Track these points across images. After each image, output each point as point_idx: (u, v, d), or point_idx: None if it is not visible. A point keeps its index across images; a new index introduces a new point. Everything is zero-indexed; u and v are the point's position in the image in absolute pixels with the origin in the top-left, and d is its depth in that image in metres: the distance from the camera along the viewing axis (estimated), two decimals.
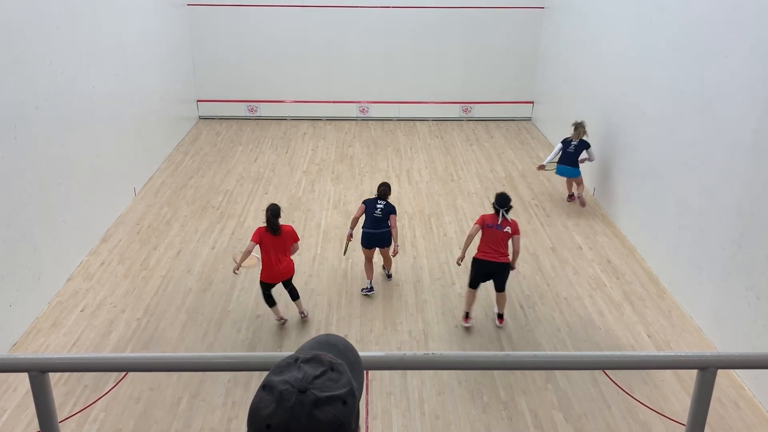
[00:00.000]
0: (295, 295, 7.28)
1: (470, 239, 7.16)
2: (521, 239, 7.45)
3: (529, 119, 14.80)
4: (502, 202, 7.09)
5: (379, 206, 7.74)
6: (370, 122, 14.57)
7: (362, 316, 7.54)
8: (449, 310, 7.67)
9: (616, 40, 10.00)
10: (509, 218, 7.09)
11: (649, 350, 6.99)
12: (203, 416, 5.99)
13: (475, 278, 7.21)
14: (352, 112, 14.67)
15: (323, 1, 13.70)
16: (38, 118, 7.42)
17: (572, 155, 9.97)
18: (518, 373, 6.59)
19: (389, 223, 7.70)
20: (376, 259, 8.22)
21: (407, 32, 14.06)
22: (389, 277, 8.27)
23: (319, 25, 13.90)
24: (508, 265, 7.12)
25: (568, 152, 9.99)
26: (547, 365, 2.18)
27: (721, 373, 4.57)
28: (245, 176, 11.44)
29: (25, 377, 1.93)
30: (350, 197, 10.65)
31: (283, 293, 7.28)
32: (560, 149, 10.06)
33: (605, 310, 7.72)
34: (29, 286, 7.22)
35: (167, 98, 12.39)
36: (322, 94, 14.49)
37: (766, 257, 6.23)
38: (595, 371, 6.58)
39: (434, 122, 14.60)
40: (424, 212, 10.10)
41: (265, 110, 14.54)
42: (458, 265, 7.59)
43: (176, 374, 6.46)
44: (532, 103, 14.66)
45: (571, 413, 6.09)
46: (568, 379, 6.52)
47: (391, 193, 7.94)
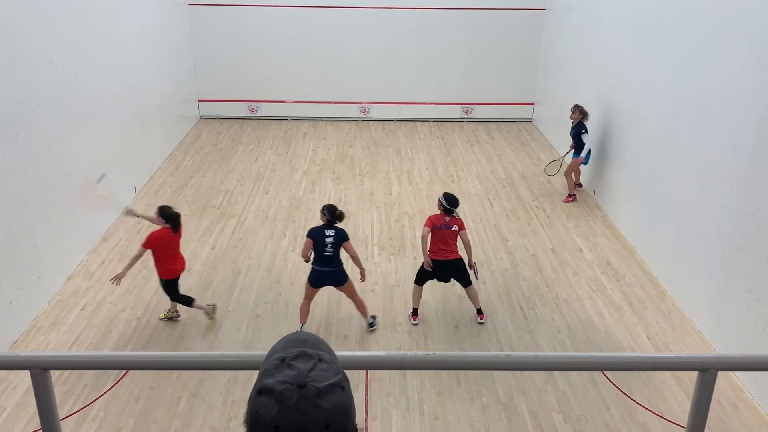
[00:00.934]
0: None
1: (425, 241, 7.25)
2: (468, 233, 7.56)
3: (529, 121, 14.80)
4: (452, 202, 7.16)
5: (329, 238, 6.63)
6: (370, 123, 14.57)
7: (362, 316, 7.54)
8: (449, 310, 7.67)
9: (616, 41, 10.01)
10: (457, 216, 7.22)
11: (648, 352, 6.99)
12: (203, 415, 5.99)
13: (422, 276, 7.34)
14: (352, 112, 14.67)
15: (324, 1, 13.70)
16: (39, 117, 7.42)
17: (572, 138, 10.56)
18: (518, 374, 6.59)
19: (346, 252, 6.76)
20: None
21: (408, 33, 14.06)
22: (371, 326, 7.25)
23: (320, 25, 13.91)
24: (460, 260, 7.23)
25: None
26: (546, 366, 2.18)
27: (720, 375, 4.57)
28: (246, 176, 11.44)
29: (25, 376, 1.93)
30: (351, 197, 10.65)
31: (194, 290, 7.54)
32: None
33: (605, 311, 7.72)
34: (29, 284, 7.23)
35: (168, 98, 12.39)
36: (322, 94, 14.49)
37: (766, 259, 6.23)
38: (594, 373, 6.58)
39: (435, 123, 14.60)
40: (424, 213, 10.10)
41: (265, 110, 14.55)
42: (429, 269, 7.23)
43: (176, 373, 6.46)
44: (532, 104, 14.66)
45: (570, 414, 6.09)
46: (567, 380, 6.52)
47: (342, 216, 6.80)
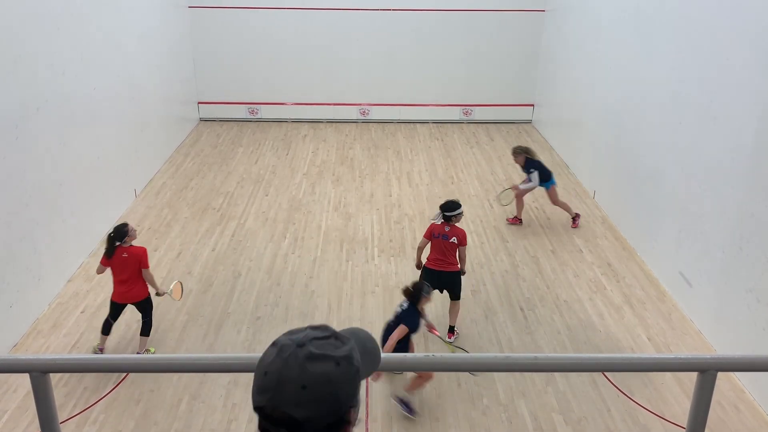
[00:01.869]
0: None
1: (420, 251, 7.14)
2: (467, 249, 7.15)
3: (529, 122, 14.80)
4: (448, 207, 6.91)
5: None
6: (370, 124, 14.58)
7: (362, 318, 7.54)
8: (448, 311, 7.66)
9: (616, 42, 10.01)
10: (458, 226, 6.93)
11: (649, 353, 6.98)
12: (203, 417, 5.99)
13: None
14: (352, 114, 14.68)
15: (324, 3, 13.71)
16: (39, 119, 7.43)
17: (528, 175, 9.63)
18: (518, 375, 6.59)
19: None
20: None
21: (408, 34, 14.07)
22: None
23: (319, 27, 13.92)
24: (456, 273, 7.00)
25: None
26: (547, 367, 2.18)
27: (721, 375, 4.57)
28: (246, 178, 11.45)
29: (25, 378, 1.93)
30: (351, 199, 10.65)
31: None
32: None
33: (605, 312, 7.72)
34: (30, 287, 7.23)
35: (168, 100, 12.40)
36: (322, 96, 14.50)
37: (766, 259, 6.23)
38: (594, 374, 6.58)
39: (435, 125, 14.61)
40: (424, 214, 10.10)
41: (265, 112, 14.56)
42: (418, 269, 7.27)
43: (176, 375, 6.46)
44: (532, 105, 14.66)
45: (570, 416, 6.09)
46: (567, 381, 6.52)
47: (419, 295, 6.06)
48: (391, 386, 6.33)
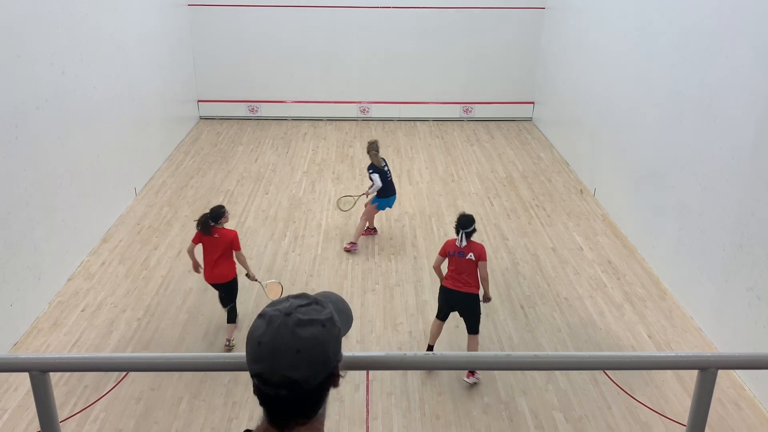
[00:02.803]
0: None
1: (438, 271, 6.49)
2: (488, 265, 6.46)
3: (529, 119, 14.79)
4: (462, 223, 6.26)
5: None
6: (370, 122, 14.57)
7: (363, 316, 7.54)
8: None
9: (616, 40, 10.00)
10: (475, 241, 6.32)
11: (649, 350, 6.98)
12: (204, 416, 5.99)
13: (442, 307, 6.47)
14: (352, 112, 14.67)
15: (324, 1, 13.70)
16: (39, 118, 7.42)
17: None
18: (518, 373, 6.59)
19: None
20: None
21: (408, 32, 14.06)
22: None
23: (319, 25, 13.91)
24: (475, 296, 6.27)
25: (389, 179, 8.82)
26: (547, 365, 2.18)
27: (721, 373, 4.57)
28: (246, 176, 11.44)
29: (25, 377, 1.93)
30: None
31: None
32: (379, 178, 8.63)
33: (606, 310, 7.72)
34: (30, 285, 7.23)
35: (168, 98, 12.39)
36: (322, 94, 14.49)
37: (766, 257, 6.22)
38: (595, 372, 6.58)
39: (435, 122, 14.60)
40: (424, 212, 10.10)
41: (265, 110, 14.55)
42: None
43: (177, 374, 6.46)
44: (532, 103, 14.66)
45: (571, 414, 6.09)
46: (568, 379, 6.52)
47: None
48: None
